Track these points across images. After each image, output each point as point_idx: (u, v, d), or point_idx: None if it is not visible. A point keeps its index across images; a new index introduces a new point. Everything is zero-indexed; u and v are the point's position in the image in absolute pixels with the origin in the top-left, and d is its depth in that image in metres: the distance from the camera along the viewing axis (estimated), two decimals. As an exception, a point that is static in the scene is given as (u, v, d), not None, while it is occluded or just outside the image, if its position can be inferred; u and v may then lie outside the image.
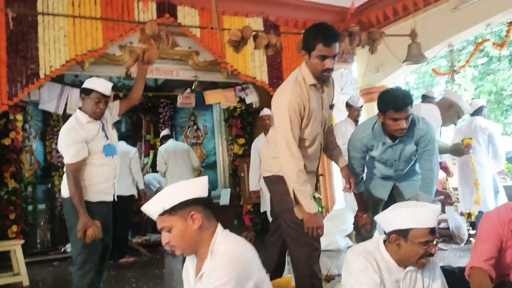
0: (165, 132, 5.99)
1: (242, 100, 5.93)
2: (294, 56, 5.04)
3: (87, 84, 2.72)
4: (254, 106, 5.77)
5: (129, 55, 4.60)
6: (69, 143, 2.63)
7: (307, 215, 2.20)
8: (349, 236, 4.95)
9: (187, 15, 4.55)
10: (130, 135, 6.18)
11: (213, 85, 5.85)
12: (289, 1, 5.13)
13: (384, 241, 1.88)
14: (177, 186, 1.61)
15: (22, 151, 5.49)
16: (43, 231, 5.81)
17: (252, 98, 5.59)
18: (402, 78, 6.39)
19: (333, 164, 5.31)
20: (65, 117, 6.34)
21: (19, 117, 5.21)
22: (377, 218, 1.96)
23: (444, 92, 4.13)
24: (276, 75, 5.02)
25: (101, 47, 4.12)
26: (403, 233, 1.77)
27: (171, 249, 1.61)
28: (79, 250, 2.66)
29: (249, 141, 6.66)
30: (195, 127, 7.59)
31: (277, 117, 2.28)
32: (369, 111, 5.26)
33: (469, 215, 4.25)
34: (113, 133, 2.87)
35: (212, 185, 6.53)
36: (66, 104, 4.74)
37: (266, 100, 5.35)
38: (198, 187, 1.62)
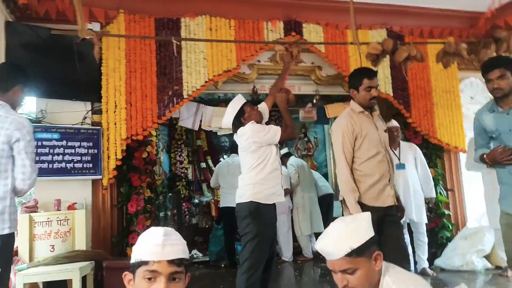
0: (285, 150, 6.24)
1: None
2: (419, 66, 4.86)
3: None
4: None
5: (257, 72, 4.83)
6: None
7: None
8: (486, 257, 4.59)
9: (312, 32, 4.66)
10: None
11: (331, 99, 5.90)
12: (413, 10, 4.96)
13: None
14: (354, 223, 1.55)
15: (156, 163, 6.01)
16: (172, 237, 6.30)
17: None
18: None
19: (465, 179, 5.04)
20: (188, 130, 6.88)
21: (154, 132, 5.73)
22: None
23: None
24: (401, 87, 4.88)
25: (235, 67, 4.39)
26: None
27: None
28: (247, 256, 2.87)
29: (364, 153, 6.55)
30: (305, 139, 7.67)
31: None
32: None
33: None
34: None
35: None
36: (200, 121, 5.11)
37: (388, 112, 5.23)
38: (369, 222, 1.57)
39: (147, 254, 1.30)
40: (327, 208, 6.08)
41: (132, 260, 1.33)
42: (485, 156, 2.77)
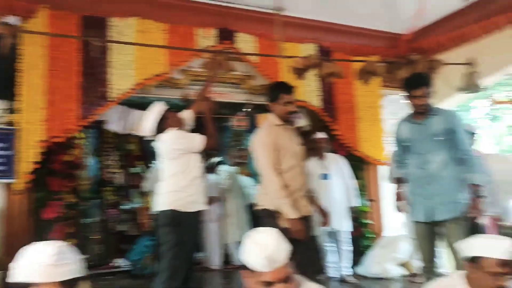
0: (217, 158, 6.23)
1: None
2: (346, 82, 5.08)
3: None
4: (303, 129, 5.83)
5: (189, 78, 4.80)
6: None
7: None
8: (403, 264, 4.88)
9: (245, 41, 4.72)
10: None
11: (264, 108, 5.98)
12: (341, 28, 5.22)
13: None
14: (273, 230, 1.60)
15: (81, 167, 5.73)
16: (96, 245, 6.02)
17: (302, 121, 5.66)
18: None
19: (385, 190, 5.33)
20: (119, 134, 6.65)
21: (81, 134, 5.48)
22: (458, 244, 2.07)
23: None
24: (329, 100, 5.09)
25: (165, 71, 4.33)
26: (474, 261, 1.84)
27: None
28: (166, 265, 2.82)
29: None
30: (239, 147, 7.70)
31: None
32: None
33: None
34: None
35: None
36: (128, 125, 4.96)
37: (317, 123, 5.42)
38: None
39: (37, 275, 1.20)
40: (257, 216, 6.15)
41: (17, 279, 1.21)
42: (396, 192, 3.27)
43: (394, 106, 5.48)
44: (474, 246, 1.86)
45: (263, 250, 1.48)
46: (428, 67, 3.76)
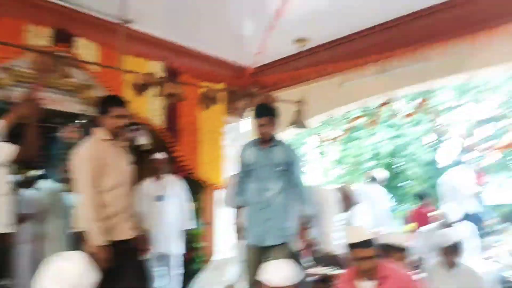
0: (37, 171, 5.56)
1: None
2: (191, 104, 5.10)
3: None
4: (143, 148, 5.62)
5: (14, 79, 4.17)
6: None
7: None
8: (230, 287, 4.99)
9: (85, 48, 4.36)
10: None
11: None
12: (191, 52, 5.25)
13: None
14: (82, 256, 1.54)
15: None
16: None
17: (143, 140, 5.45)
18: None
19: (218, 213, 5.46)
20: None
21: None
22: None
23: None
24: (172, 121, 5.03)
25: (-20, 66, 3.68)
26: (260, 284, 2.17)
27: None
28: None
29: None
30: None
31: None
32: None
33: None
34: None
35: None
36: None
37: (158, 143, 5.29)
38: None
39: None
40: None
41: None
42: (235, 222, 3.35)
43: (235, 133, 5.73)
44: (262, 271, 2.12)
45: (61, 280, 1.31)
46: (265, 101, 4.03)
